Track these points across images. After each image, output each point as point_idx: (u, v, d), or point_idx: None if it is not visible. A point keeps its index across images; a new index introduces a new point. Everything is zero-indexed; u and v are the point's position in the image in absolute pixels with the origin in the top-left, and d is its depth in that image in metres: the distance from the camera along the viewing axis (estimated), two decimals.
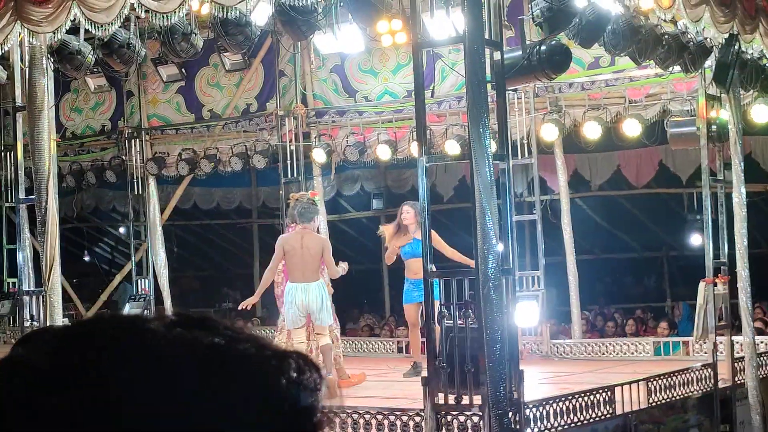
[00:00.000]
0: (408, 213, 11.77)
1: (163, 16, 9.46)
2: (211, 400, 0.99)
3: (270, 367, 1.03)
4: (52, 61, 10.36)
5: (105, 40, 10.65)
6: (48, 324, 10.13)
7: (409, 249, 11.65)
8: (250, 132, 16.20)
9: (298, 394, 1.03)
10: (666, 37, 10.72)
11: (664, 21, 10.51)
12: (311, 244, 10.70)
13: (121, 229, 22.62)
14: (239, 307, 11.41)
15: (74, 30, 10.44)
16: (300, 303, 10.67)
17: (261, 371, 1.02)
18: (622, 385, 9.57)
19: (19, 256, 11.07)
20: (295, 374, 1.04)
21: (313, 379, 1.05)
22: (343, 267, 10.92)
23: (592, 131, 13.70)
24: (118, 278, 18.81)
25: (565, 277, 14.43)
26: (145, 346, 1.00)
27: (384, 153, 15.00)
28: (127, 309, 16.70)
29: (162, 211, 17.31)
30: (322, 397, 1.06)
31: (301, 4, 9.20)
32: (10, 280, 18.02)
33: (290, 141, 15.51)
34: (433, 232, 11.14)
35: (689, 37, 10.94)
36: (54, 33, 9.92)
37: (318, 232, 11.40)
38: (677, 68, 11.50)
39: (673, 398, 10.28)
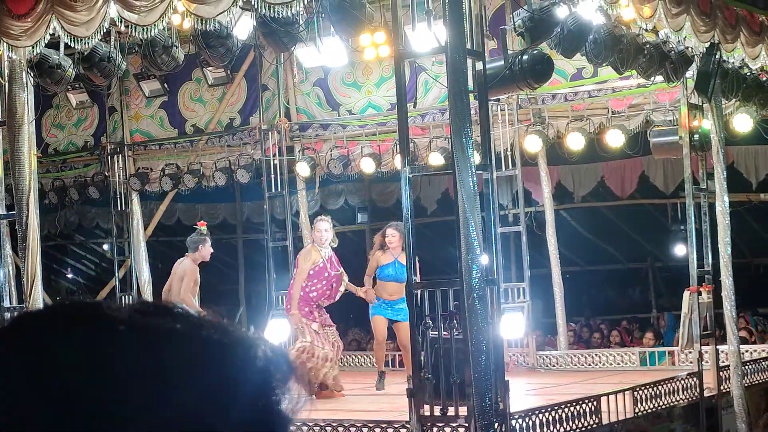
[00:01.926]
0: (393, 236, 11.73)
1: (143, 29, 9.43)
2: (168, 387, 0.95)
3: (234, 355, 0.99)
4: (31, 76, 10.30)
5: (85, 53, 10.60)
6: None
7: (392, 272, 11.69)
8: (233, 146, 16.14)
9: (263, 383, 0.99)
10: (647, 46, 10.74)
11: (646, 31, 10.53)
12: (178, 270, 11.83)
13: (105, 246, 22.52)
14: None
15: (54, 44, 10.40)
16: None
17: (224, 358, 0.98)
18: (608, 395, 9.56)
19: (0, 273, 10.96)
20: (261, 363, 0.99)
21: (281, 368, 1.01)
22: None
23: (575, 142, 13.70)
24: (102, 295, 18.70)
25: (550, 289, 14.42)
26: (100, 334, 0.97)
27: (368, 166, 14.97)
28: None
29: (146, 227, 17.22)
30: (289, 387, 1.01)
31: (282, 15, 9.17)
32: None
33: (274, 155, 15.45)
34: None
35: (671, 46, 10.96)
36: (33, 47, 9.88)
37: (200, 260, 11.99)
38: (659, 78, 11.51)
39: (659, 408, 10.27)
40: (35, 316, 1.01)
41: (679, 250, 18.98)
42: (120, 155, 16.88)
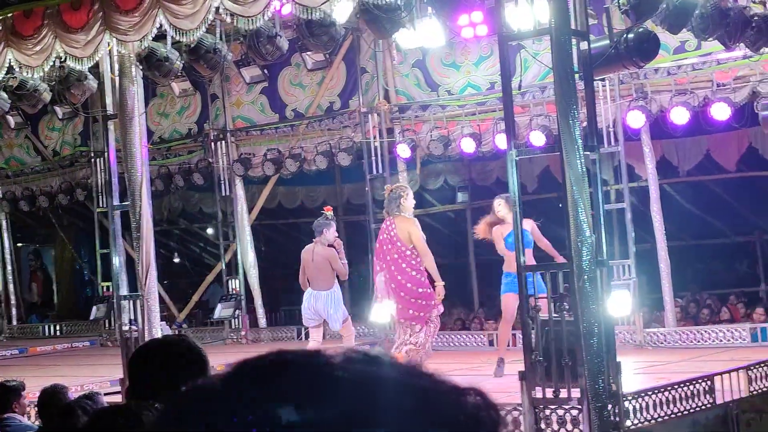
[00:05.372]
0: (500, 206, 11.45)
1: (247, 20, 9.56)
2: None
3: (448, 402, 1.02)
4: (140, 69, 10.53)
5: (192, 45, 10.79)
6: (146, 327, 10.31)
7: (513, 240, 11.31)
8: (333, 130, 16.28)
9: (476, 430, 1.02)
10: (756, 18, 10.53)
11: (753, 2, 10.32)
12: (318, 257, 12.09)
13: (209, 230, 22.90)
14: None
15: (161, 37, 10.60)
16: (311, 307, 12.09)
17: (439, 406, 1.02)
18: (721, 373, 9.41)
19: (115, 260, 11.24)
20: (473, 410, 1.03)
21: (491, 416, 1.04)
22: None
23: (679, 117, 13.46)
24: (209, 279, 19.04)
25: (655, 265, 14.23)
26: (324, 383, 1.02)
27: (468, 146, 14.94)
28: (219, 309, 16.93)
29: (249, 212, 17.50)
30: None
31: (384, 2, 9.21)
32: (104, 284, 18.40)
33: (374, 137, 15.55)
34: (531, 222, 11.20)
35: None
36: (141, 41, 10.10)
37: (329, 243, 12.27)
38: (767, 50, 11.26)
39: None
40: (257, 366, 1.06)
41: None
42: (223, 141, 17.17)
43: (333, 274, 12.15)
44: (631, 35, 9.34)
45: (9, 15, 10.86)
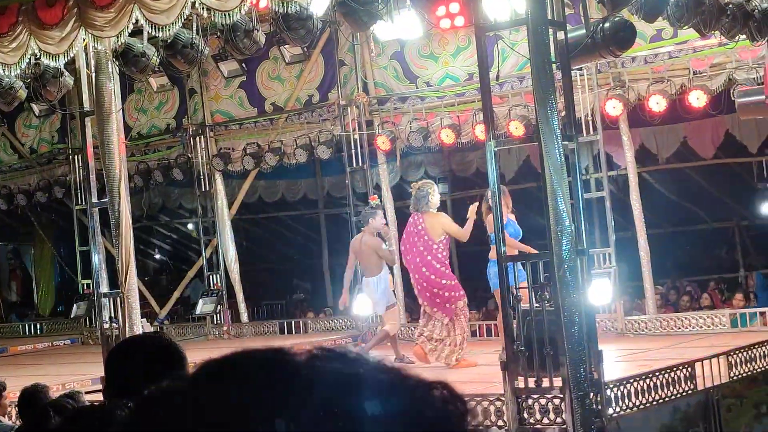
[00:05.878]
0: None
1: (224, 14, 9.52)
2: (354, 429, 0.99)
3: (414, 397, 1.02)
4: (117, 65, 10.48)
5: (168, 41, 10.73)
6: (127, 324, 10.28)
7: (512, 230, 11.57)
8: (313, 123, 16.26)
9: (444, 424, 1.02)
10: (730, 6, 10.56)
11: None
12: (365, 246, 12.42)
13: (189, 226, 22.84)
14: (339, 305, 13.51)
15: (137, 32, 10.55)
16: (366, 295, 12.57)
17: (406, 401, 1.02)
18: (702, 360, 9.46)
19: (95, 258, 11.20)
20: (440, 404, 1.03)
21: (459, 409, 1.04)
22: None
23: (657, 105, 13.51)
24: (190, 274, 19.00)
25: (635, 252, 14.28)
26: (288, 380, 1.01)
27: (447, 137, 14.95)
28: (201, 305, 16.90)
29: (230, 206, 17.46)
30: (467, 427, 1.05)
31: None
32: (84, 282, 18.33)
33: (353, 130, 15.53)
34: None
35: (754, 5, 10.76)
36: (117, 37, 10.04)
37: (379, 232, 12.69)
38: (742, 37, 11.30)
39: (755, 371, 10.14)
40: (221, 365, 1.06)
41: (766, 208, 18.68)
42: (202, 136, 17.13)
43: (380, 261, 12.52)
44: (607, 24, 9.36)
45: None
